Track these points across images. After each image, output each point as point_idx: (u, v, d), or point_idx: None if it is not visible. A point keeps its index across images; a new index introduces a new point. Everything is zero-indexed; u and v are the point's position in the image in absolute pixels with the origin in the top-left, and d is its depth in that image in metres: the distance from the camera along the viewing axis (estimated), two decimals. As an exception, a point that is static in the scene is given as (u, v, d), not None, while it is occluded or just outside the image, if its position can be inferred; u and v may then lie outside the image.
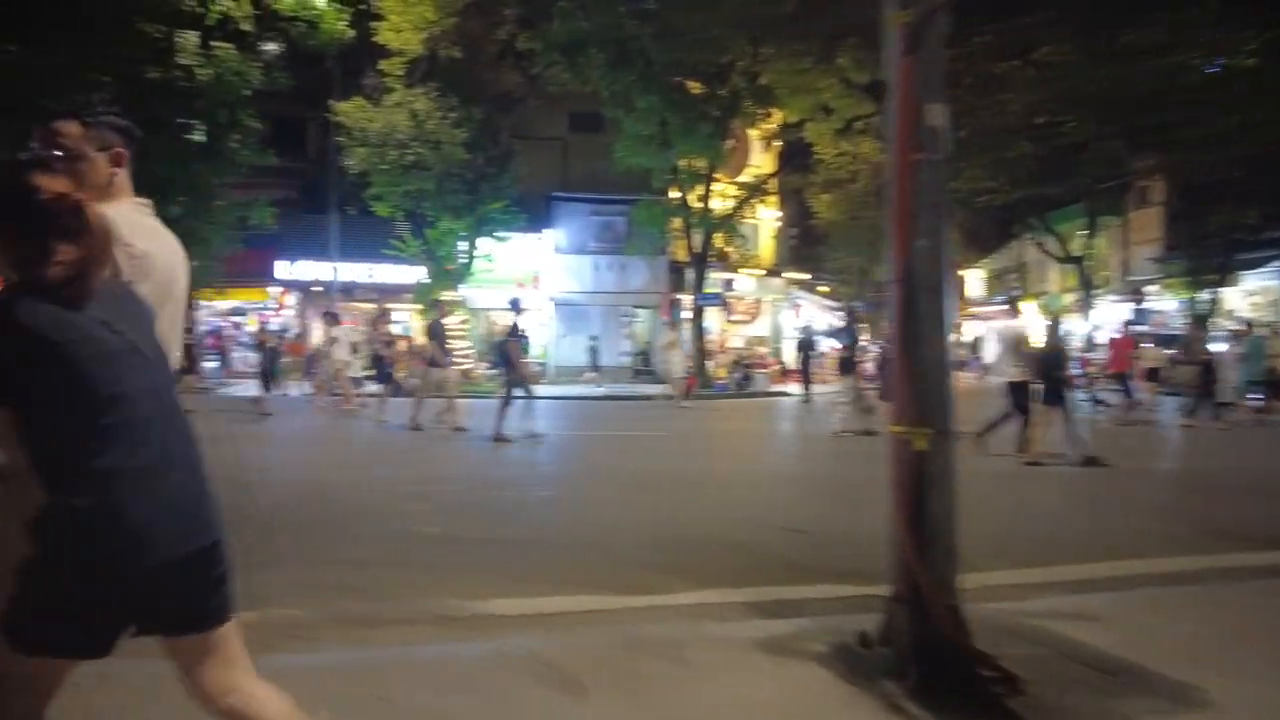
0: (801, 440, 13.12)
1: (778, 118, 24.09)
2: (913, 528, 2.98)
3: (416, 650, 3.42)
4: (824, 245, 32.72)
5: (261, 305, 24.62)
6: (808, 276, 32.39)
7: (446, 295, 21.60)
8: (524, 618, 3.91)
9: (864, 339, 15.84)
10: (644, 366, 25.86)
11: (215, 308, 22.69)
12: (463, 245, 21.63)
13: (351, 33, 19.95)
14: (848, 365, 12.30)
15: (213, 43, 18.55)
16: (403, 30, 19.57)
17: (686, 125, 20.35)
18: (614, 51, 19.59)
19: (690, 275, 23.65)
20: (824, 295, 33.27)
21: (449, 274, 21.48)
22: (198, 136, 19.18)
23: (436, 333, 12.30)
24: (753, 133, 25.84)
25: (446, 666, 3.19)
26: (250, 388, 16.31)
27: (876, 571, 4.42)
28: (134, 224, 2.00)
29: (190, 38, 18.35)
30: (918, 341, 3.02)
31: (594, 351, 24.44)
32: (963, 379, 16.67)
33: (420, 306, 21.99)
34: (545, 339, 24.92)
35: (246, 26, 19.26)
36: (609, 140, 22.07)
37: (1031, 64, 17.02)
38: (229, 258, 20.89)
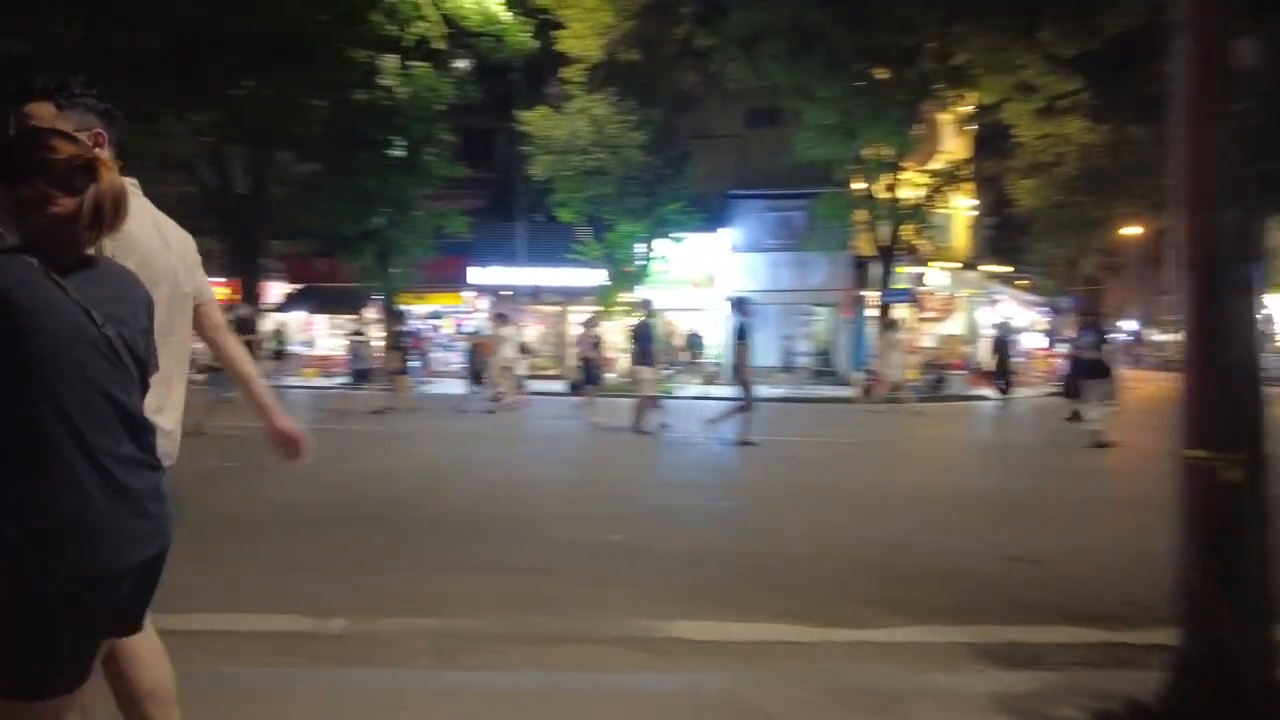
0: (1014, 451, 11.88)
1: (972, 100, 22.34)
2: (1218, 576, 2.35)
3: (605, 678, 3.18)
4: (1025, 235, 30.08)
5: (456, 309, 26.07)
6: (1008, 269, 29.89)
7: (625, 297, 21.86)
8: (715, 645, 3.58)
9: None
10: (824, 367, 24.92)
11: (415, 311, 24.22)
12: (640, 247, 21.74)
13: (535, 43, 20.64)
14: (1095, 369, 10.94)
15: (410, 62, 19.82)
16: (583, 37, 19.93)
17: (872, 113, 19.28)
18: (793, 41, 18.90)
19: (876, 271, 22.45)
20: (1023, 289, 30.60)
21: (627, 276, 21.66)
22: (398, 151, 20.58)
23: (643, 333, 11.78)
24: (943, 117, 24.15)
25: (636, 699, 2.91)
26: (459, 386, 17.27)
27: (1124, 615, 3.70)
28: None
29: (391, 61, 19.71)
30: (1222, 343, 2.37)
31: (787, 352, 24.11)
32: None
33: (602, 308, 22.40)
34: (720, 339, 24.60)
35: (440, 45, 20.42)
36: (787, 134, 21.41)
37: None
38: (426, 264, 22.31)
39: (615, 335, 23.75)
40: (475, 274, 25.95)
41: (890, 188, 21.27)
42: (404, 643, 3.48)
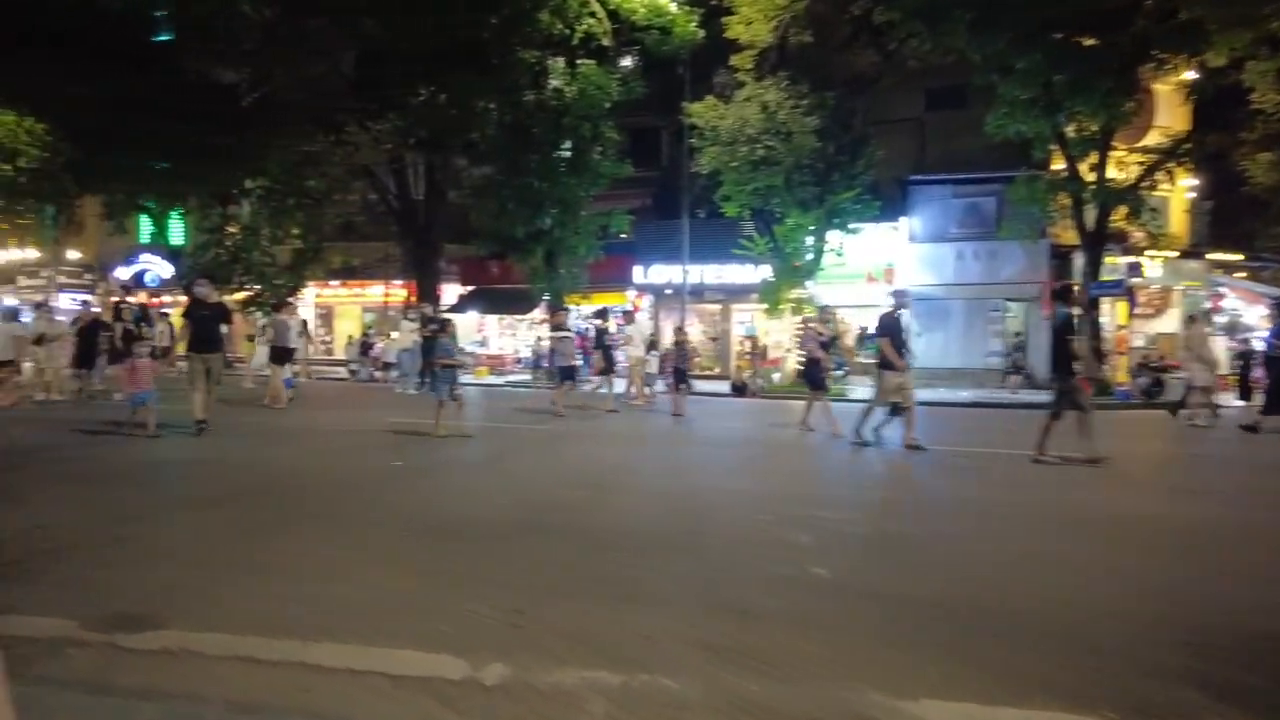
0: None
1: (1198, 63, 19.41)
2: None
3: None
4: (1260, 218, 26.01)
5: (621, 308, 25.92)
6: (1237, 257, 26.01)
7: (794, 293, 20.78)
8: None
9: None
10: (1015, 368, 22.66)
11: (581, 311, 24.26)
12: (811, 240, 20.59)
13: (702, 33, 20.05)
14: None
15: (577, 60, 19.77)
16: (752, 22, 19.09)
17: (1078, 83, 17.14)
18: (982, 8, 17.12)
19: (1080, 261, 20.08)
20: (1254, 280, 26.46)
21: (796, 271, 20.58)
22: (565, 152, 20.62)
23: (891, 329, 9.86)
24: (1160, 86, 21.26)
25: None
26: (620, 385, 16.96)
27: None
28: None
29: (559, 63, 19.75)
30: None
31: (1015, 351, 22.28)
32: None
33: (766, 305, 21.45)
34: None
35: (606, 42, 20.25)
36: (974, 114, 19.58)
37: None
38: (592, 264, 22.27)
39: (782, 334, 22.72)
40: (639, 273, 25.76)
41: (1098, 167, 18.89)
42: (575, 704, 2.85)
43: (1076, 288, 20.99)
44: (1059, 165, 19.59)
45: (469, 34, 19.24)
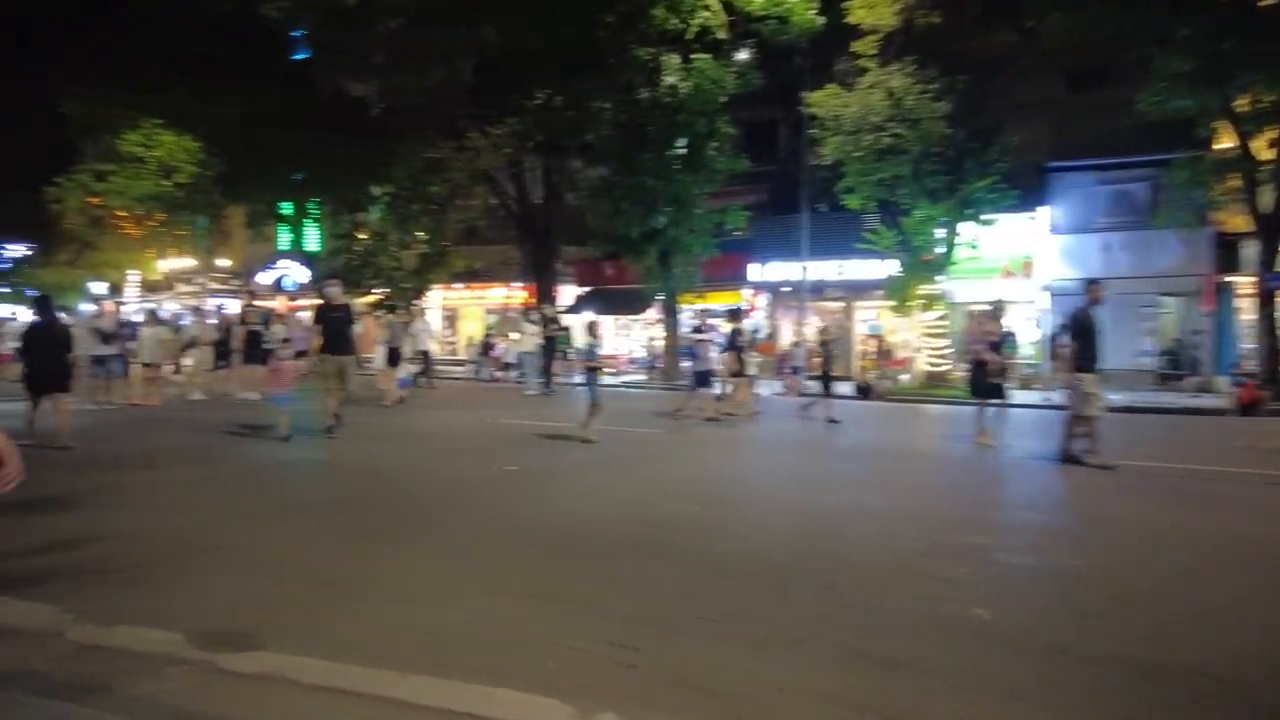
0: None
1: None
2: None
3: None
4: None
5: (736, 308, 25.34)
6: None
7: (923, 289, 19.64)
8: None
9: None
10: (1172, 369, 20.64)
11: (694, 310, 23.84)
12: (941, 233, 19.38)
13: (822, 20, 19.22)
14: None
15: (692, 55, 19.37)
16: (875, 5, 18.11)
17: (1253, 50, 15.29)
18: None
19: (1251, 250, 18.01)
20: None
21: (926, 266, 19.42)
22: (680, 149, 20.26)
23: (1084, 327, 8.50)
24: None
25: None
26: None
27: None
28: None
29: (673, 58, 19.41)
30: None
31: (1184, 349, 20.48)
32: None
33: (892, 303, 20.38)
34: (1037, 337, 21.37)
35: (722, 34, 19.75)
36: (1122, 92, 17.87)
37: None
38: (706, 263, 21.80)
39: (909, 334, 21.53)
40: (755, 271, 25.10)
41: (1278, 143, 16.85)
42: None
43: (1235, 279, 18.94)
44: (1225, 144, 17.61)
45: (584, 34, 19.21)
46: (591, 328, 11.00)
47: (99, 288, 31.02)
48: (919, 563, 4.79)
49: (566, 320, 22.23)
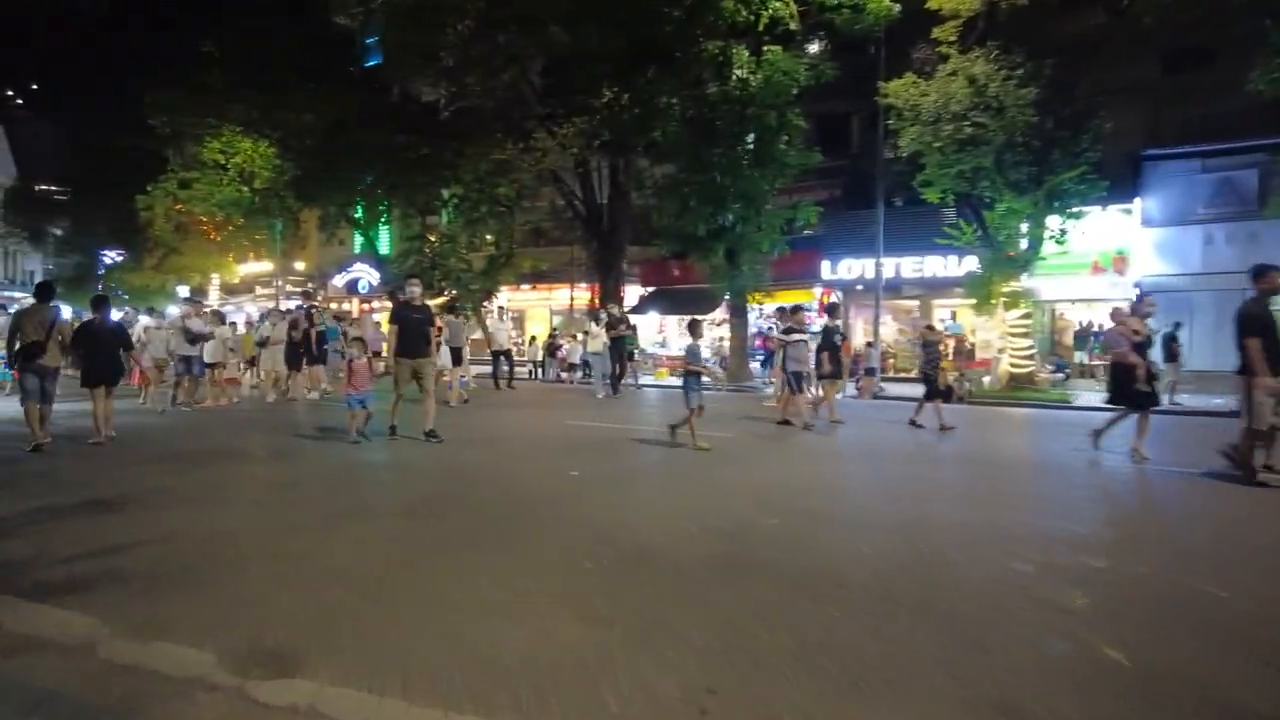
0: None
1: None
2: None
3: None
4: None
5: (834, 303, 24.66)
6: None
7: (1007, 286, 18.66)
8: None
9: None
10: None
11: (764, 310, 23.23)
12: (1026, 226, 18.36)
13: (898, 8, 18.44)
14: None
15: (762, 47, 18.81)
16: (956, -12, 17.27)
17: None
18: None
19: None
20: None
21: (1010, 261, 18.43)
22: (749, 144, 19.71)
23: (1261, 323, 7.39)
24: None
25: None
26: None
27: None
28: None
29: (743, 51, 18.88)
30: None
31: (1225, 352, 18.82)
32: None
33: (974, 300, 19.42)
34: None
35: (794, 25, 19.14)
36: (1224, 76, 16.63)
37: None
38: (776, 261, 21.18)
39: (991, 333, 20.52)
40: (827, 268, 24.39)
41: None
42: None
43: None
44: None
45: (651, 30, 18.85)
46: (693, 328, 10.26)
47: (183, 290, 32.17)
48: (1031, 589, 4.19)
49: (632, 320, 21.90)
